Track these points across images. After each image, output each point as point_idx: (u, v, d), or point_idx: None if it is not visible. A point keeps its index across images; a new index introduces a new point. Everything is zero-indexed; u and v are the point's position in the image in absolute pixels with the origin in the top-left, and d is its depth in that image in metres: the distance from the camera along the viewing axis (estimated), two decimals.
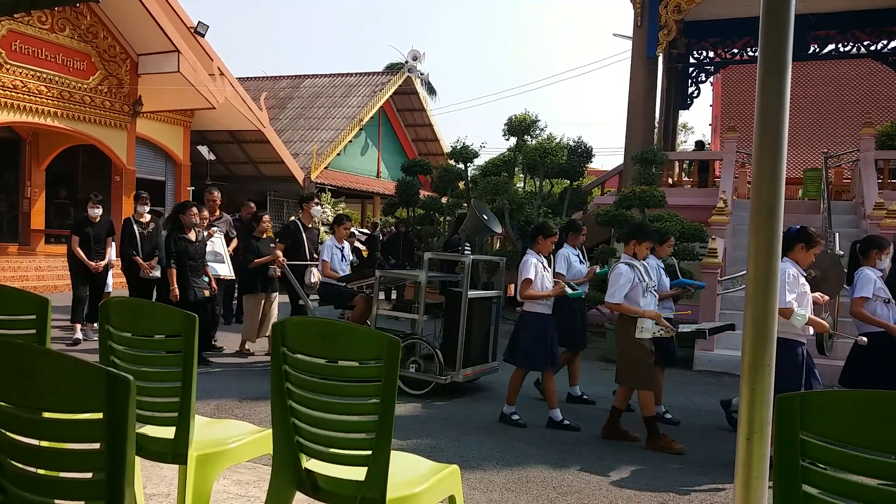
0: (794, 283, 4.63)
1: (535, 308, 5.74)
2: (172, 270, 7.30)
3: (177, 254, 7.31)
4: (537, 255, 5.81)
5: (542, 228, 5.95)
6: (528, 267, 5.70)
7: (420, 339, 6.69)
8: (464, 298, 6.46)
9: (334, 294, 7.72)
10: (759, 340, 1.78)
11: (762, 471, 1.74)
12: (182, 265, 7.32)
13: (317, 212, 8.44)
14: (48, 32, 15.11)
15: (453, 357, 6.48)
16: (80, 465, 1.58)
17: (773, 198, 1.77)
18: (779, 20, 1.75)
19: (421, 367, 6.58)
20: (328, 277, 7.64)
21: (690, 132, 39.08)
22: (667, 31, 13.32)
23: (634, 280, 5.28)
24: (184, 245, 7.37)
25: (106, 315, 2.68)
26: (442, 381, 6.46)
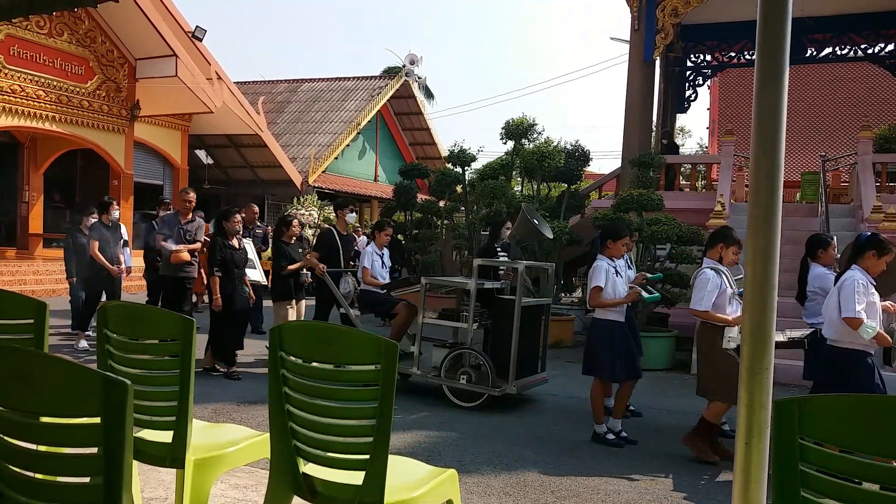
0: (863, 292, 4.41)
1: (607, 315, 5.47)
2: (216, 279, 7.07)
3: (221, 261, 7.08)
4: (608, 260, 5.53)
5: (613, 231, 5.69)
6: (598, 273, 5.44)
7: (470, 348, 6.43)
8: (517, 306, 6.18)
9: (375, 302, 7.48)
10: (757, 344, 1.78)
11: (761, 475, 1.74)
12: (228, 273, 7.12)
13: (351, 218, 8.23)
14: (46, 37, 15.11)
15: (504, 367, 6.21)
16: (77, 470, 1.58)
17: (771, 201, 1.77)
18: (776, 24, 1.76)
19: (472, 378, 6.31)
20: (369, 285, 7.40)
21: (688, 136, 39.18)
22: (664, 34, 13.35)
23: (722, 286, 5.01)
24: (229, 252, 7.17)
25: (104, 319, 2.68)
26: (495, 394, 6.20)
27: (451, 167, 14.52)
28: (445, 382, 6.47)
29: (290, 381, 2.31)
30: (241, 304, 7.23)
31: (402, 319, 7.18)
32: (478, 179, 14.01)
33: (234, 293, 7.15)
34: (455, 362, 6.46)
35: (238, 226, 7.28)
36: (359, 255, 8.31)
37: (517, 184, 18.07)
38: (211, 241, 7.33)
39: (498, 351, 6.39)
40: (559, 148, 13.18)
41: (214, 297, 7.04)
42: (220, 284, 7.05)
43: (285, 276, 7.64)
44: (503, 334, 6.35)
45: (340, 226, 8.27)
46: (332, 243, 7.98)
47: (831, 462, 1.52)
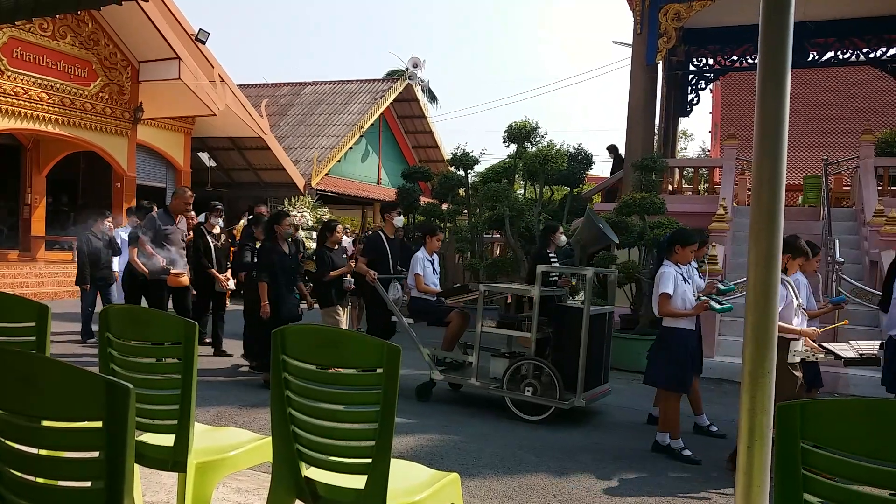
0: None
1: (678, 324, 5.23)
2: (264, 285, 6.84)
3: (270, 267, 6.88)
4: (676, 267, 5.27)
5: (682, 236, 5.38)
6: (666, 280, 5.17)
7: (536, 359, 6.15)
8: (585, 315, 5.94)
9: (427, 310, 7.21)
10: (759, 348, 1.78)
11: (763, 479, 1.74)
12: (276, 279, 6.87)
13: (399, 221, 7.89)
14: (49, 39, 15.16)
15: (571, 379, 5.96)
16: (79, 474, 1.58)
17: (774, 205, 1.77)
18: (778, 28, 1.76)
19: (538, 391, 6.04)
20: (423, 292, 7.16)
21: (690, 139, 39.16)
22: (666, 38, 13.35)
23: (788, 297, 4.77)
24: (278, 258, 6.94)
25: (105, 323, 2.68)
26: (564, 407, 5.93)
27: (454, 170, 14.53)
28: (508, 395, 6.20)
29: (292, 384, 2.31)
30: (287, 312, 6.95)
31: (455, 328, 6.95)
32: (480, 182, 14.02)
33: (281, 299, 6.91)
34: (516, 373, 6.22)
35: (290, 229, 7.09)
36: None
37: (520, 187, 18.09)
38: (261, 246, 7.12)
39: (563, 361, 6.11)
40: (562, 151, 13.20)
41: (263, 303, 6.81)
42: (267, 290, 6.83)
43: (328, 283, 7.38)
44: (569, 344, 6.10)
45: (388, 229, 7.84)
46: (380, 248, 7.60)
47: (834, 466, 1.52)
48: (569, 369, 5.99)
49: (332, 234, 7.58)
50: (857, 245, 10.82)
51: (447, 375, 6.70)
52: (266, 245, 7.06)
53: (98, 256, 8.50)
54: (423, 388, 6.81)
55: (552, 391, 6.00)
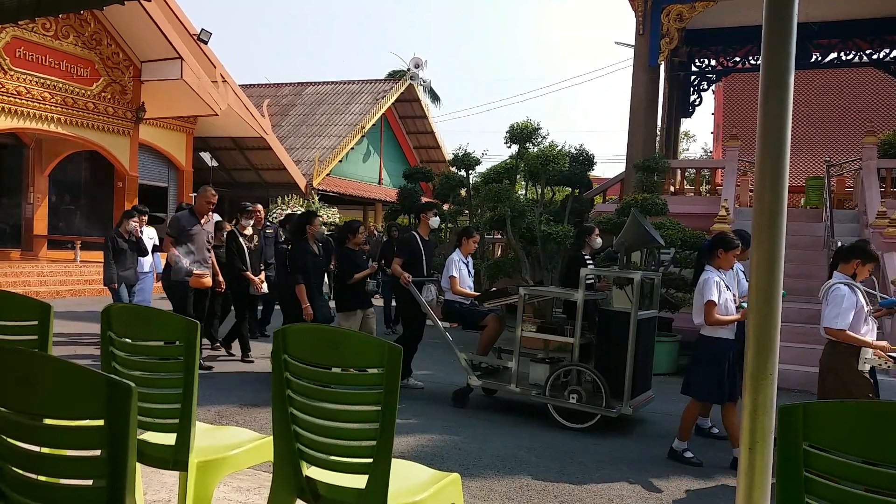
0: None
1: (717, 333, 5.04)
2: (302, 287, 6.70)
3: (303, 268, 6.72)
4: (718, 272, 5.10)
5: (724, 240, 5.15)
6: (710, 287, 4.98)
7: (582, 365, 5.94)
8: (633, 319, 5.77)
9: (462, 313, 7.02)
10: (761, 350, 1.78)
11: (764, 481, 1.74)
12: (309, 280, 6.75)
13: (435, 222, 7.61)
14: (52, 39, 15.19)
15: (616, 386, 5.79)
16: (80, 472, 1.58)
17: (776, 207, 1.77)
18: (781, 29, 1.76)
19: (583, 398, 5.82)
20: (458, 295, 6.96)
21: (692, 140, 39.16)
22: (668, 39, 13.34)
23: (858, 304, 4.62)
24: (312, 259, 6.82)
25: (108, 321, 2.68)
26: (612, 415, 5.73)
27: (456, 171, 14.53)
28: (552, 402, 6.01)
29: (293, 384, 2.31)
30: (321, 314, 6.83)
31: (491, 332, 6.75)
32: (482, 183, 14.01)
33: (315, 302, 6.77)
34: (558, 379, 6.03)
35: (322, 229, 6.94)
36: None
37: (521, 187, 18.08)
38: (293, 247, 6.92)
39: (609, 367, 5.89)
40: (564, 152, 13.19)
41: (304, 305, 6.70)
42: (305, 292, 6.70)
43: (351, 286, 7.14)
44: (615, 349, 5.89)
45: (423, 230, 7.54)
46: (414, 249, 7.34)
47: (836, 468, 1.52)
48: (614, 375, 5.78)
49: (355, 236, 7.37)
50: None
51: (484, 381, 6.50)
52: (299, 245, 6.86)
53: (123, 257, 8.33)
54: (459, 395, 6.63)
55: (598, 398, 5.80)
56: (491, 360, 6.68)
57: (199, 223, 7.25)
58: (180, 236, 7.11)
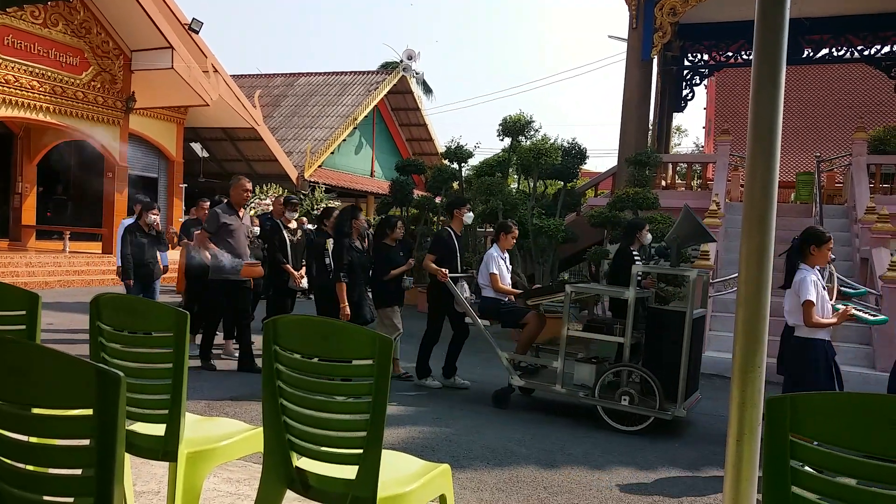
0: None
1: (816, 334, 4.75)
2: (343, 285, 6.43)
3: (349, 265, 6.48)
4: (812, 270, 4.80)
5: (815, 236, 4.87)
6: (807, 286, 4.68)
7: (634, 366, 5.79)
8: (688, 318, 5.59)
9: (501, 311, 6.78)
10: (750, 343, 1.79)
11: (751, 472, 1.75)
12: (355, 278, 6.51)
13: (469, 218, 7.35)
14: (41, 27, 15.05)
15: (669, 387, 5.63)
16: (69, 462, 1.58)
17: (766, 201, 1.78)
18: (773, 24, 1.76)
19: (635, 400, 5.66)
20: (500, 292, 6.76)
21: (684, 135, 39.24)
22: (662, 33, 13.36)
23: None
24: (356, 255, 6.57)
25: (97, 311, 2.67)
26: (667, 417, 5.58)
27: (448, 163, 14.53)
28: (602, 403, 5.83)
29: (283, 375, 2.31)
30: (369, 313, 6.67)
31: (532, 330, 6.54)
32: (474, 176, 14.02)
33: (362, 300, 6.56)
34: (607, 380, 5.86)
35: (366, 225, 6.75)
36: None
37: (514, 181, 18.09)
38: (337, 242, 6.65)
39: (659, 368, 5.73)
40: (556, 145, 13.21)
41: (342, 304, 6.41)
42: (346, 291, 6.43)
43: (387, 282, 7.03)
44: (666, 349, 5.72)
45: (456, 225, 7.31)
46: (448, 245, 7.11)
47: (822, 459, 1.53)
48: (666, 376, 5.61)
49: (393, 231, 7.21)
50: (849, 242, 10.88)
51: (527, 381, 6.36)
52: (342, 242, 6.56)
53: (142, 251, 8.01)
54: (500, 395, 6.43)
55: (651, 400, 5.64)
56: (530, 359, 6.56)
57: (239, 216, 7.01)
58: (219, 231, 6.83)
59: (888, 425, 1.43)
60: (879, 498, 1.45)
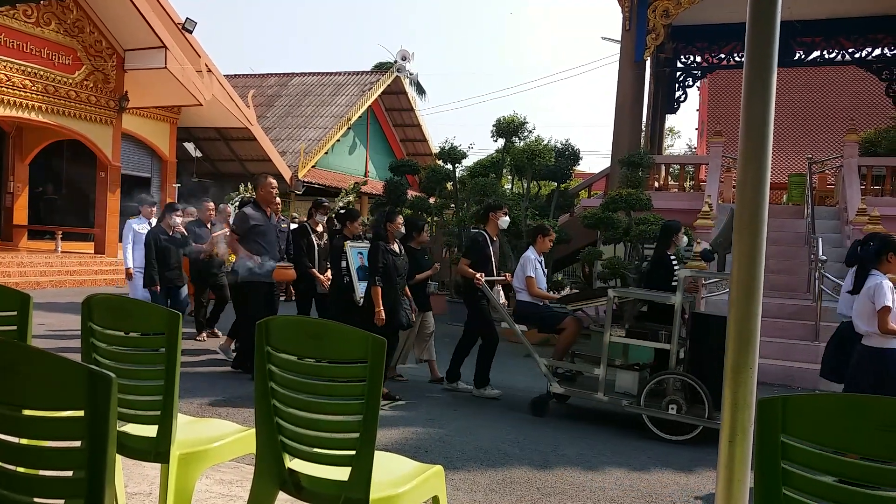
0: None
1: (889, 343, 4.61)
2: (378, 289, 6.17)
3: (384, 269, 6.25)
4: (884, 276, 4.69)
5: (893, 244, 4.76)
6: (883, 290, 4.55)
7: (684, 375, 5.57)
8: None
9: (537, 316, 6.59)
10: (741, 343, 1.80)
11: (744, 473, 1.76)
12: (390, 282, 6.26)
13: (504, 222, 7.16)
14: (33, 26, 14.98)
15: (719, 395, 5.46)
16: (60, 463, 1.57)
17: (758, 203, 1.78)
18: (764, 26, 1.77)
19: (682, 408, 5.50)
20: (536, 297, 6.56)
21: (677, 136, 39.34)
22: (655, 35, 13.39)
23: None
24: (391, 259, 6.32)
25: (89, 312, 2.66)
26: (715, 426, 5.20)
27: (442, 164, 14.52)
28: (648, 412, 5.67)
29: (276, 376, 2.31)
30: (405, 318, 6.45)
31: (570, 336, 6.38)
32: (468, 177, 14.02)
33: (397, 305, 6.32)
34: (653, 388, 5.67)
35: (402, 228, 6.49)
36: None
37: (507, 181, 18.11)
38: (372, 247, 6.42)
39: (706, 376, 5.51)
40: (549, 146, 13.22)
41: (376, 309, 6.16)
42: (381, 295, 6.21)
43: (412, 286, 6.89)
44: (713, 356, 5.43)
45: (491, 229, 7.05)
46: (483, 249, 6.87)
47: (813, 460, 1.54)
48: (713, 384, 5.30)
49: (420, 234, 7.05)
50: (840, 243, 10.93)
51: (567, 388, 6.18)
52: (378, 245, 6.32)
53: (167, 255, 7.70)
54: (539, 403, 6.25)
55: (700, 409, 5.49)
56: (567, 365, 6.40)
57: (268, 217, 6.76)
58: (249, 233, 6.58)
59: (878, 427, 1.44)
60: (869, 499, 1.46)
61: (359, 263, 6.78)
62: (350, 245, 6.85)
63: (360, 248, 6.95)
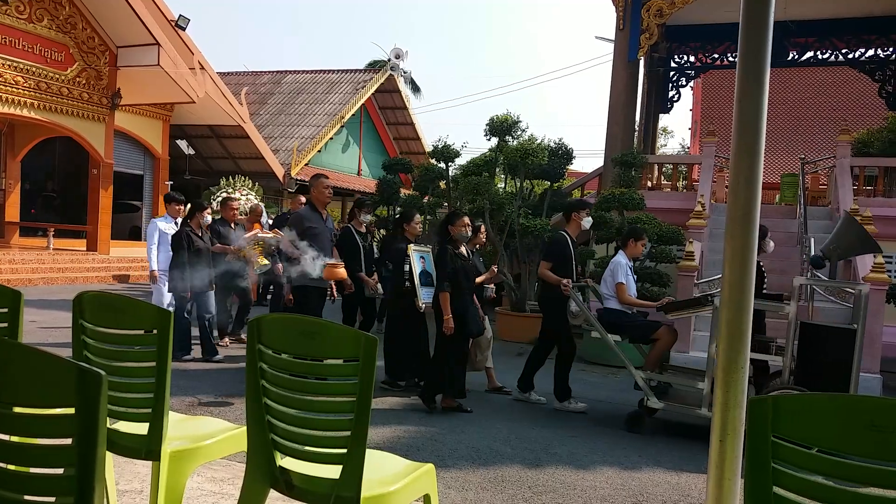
0: None
1: None
2: (447, 295, 5.88)
3: (452, 273, 5.94)
4: None
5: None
6: None
7: (795, 388, 5.23)
8: (859, 337, 5.15)
9: (625, 324, 6.27)
10: (733, 343, 1.80)
11: (734, 472, 1.76)
12: (458, 287, 5.96)
13: (587, 223, 6.82)
14: (26, 22, 14.90)
15: None
16: (50, 461, 1.56)
17: (749, 203, 1.79)
18: (758, 26, 1.77)
19: None
20: (627, 304, 6.27)
21: (671, 136, 39.44)
22: (648, 34, 13.41)
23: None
24: (459, 263, 6.02)
25: (80, 309, 2.65)
26: None
27: (435, 163, 14.51)
28: None
29: (267, 374, 2.30)
30: (475, 326, 6.11)
31: (664, 346, 6.11)
32: (461, 175, 14.00)
33: (467, 312, 5.99)
34: None
35: (466, 230, 6.14)
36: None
37: (500, 181, 18.10)
38: (439, 250, 6.15)
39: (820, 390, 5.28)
40: (543, 145, 13.23)
41: (445, 316, 5.86)
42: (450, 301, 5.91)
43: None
44: (828, 370, 5.23)
45: (572, 230, 6.70)
46: (565, 252, 6.51)
47: (803, 460, 1.54)
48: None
49: (476, 236, 6.76)
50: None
51: (668, 404, 5.82)
52: (446, 248, 6.06)
53: (199, 257, 7.31)
54: (635, 418, 5.96)
55: None
56: (658, 377, 6.10)
57: (323, 219, 6.45)
58: (304, 235, 6.24)
59: (867, 427, 1.45)
60: (859, 498, 1.46)
61: (420, 268, 6.54)
62: (413, 248, 6.60)
63: (423, 252, 6.72)
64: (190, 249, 7.26)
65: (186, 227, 7.45)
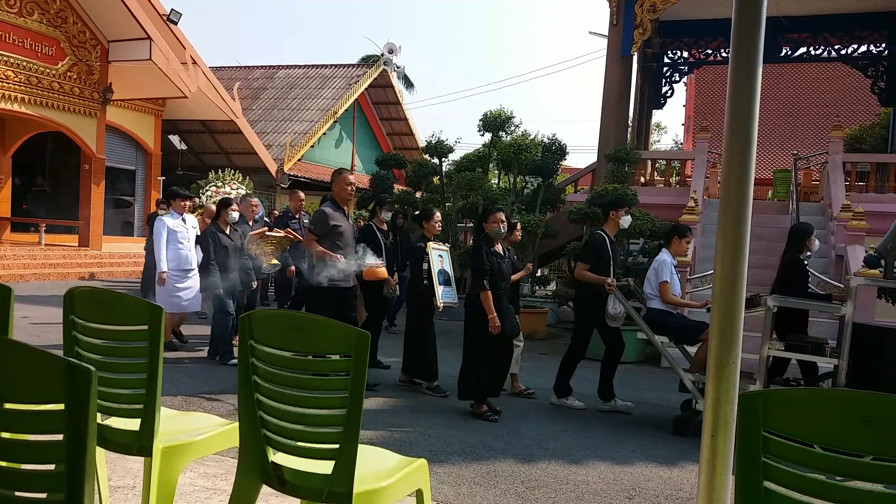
0: None
1: None
2: (488, 294, 5.67)
3: (490, 272, 5.75)
4: None
5: None
6: None
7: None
8: None
9: (670, 325, 6.07)
10: (724, 339, 1.81)
11: (726, 467, 1.77)
12: (495, 288, 5.74)
13: (626, 221, 6.57)
14: (16, 16, 14.80)
15: None
16: (41, 457, 1.56)
17: (741, 199, 1.79)
18: (750, 22, 1.77)
19: None
20: (671, 304, 6.10)
21: (664, 131, 39.49)
22: (642, 30, 13.42)
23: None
24: (496, 262, 5.82)
25: (71, 305, 2.64)
26: None
27: (429, 158, 14.50)
28: None
29: (259, 369, 2.30)
30: (510, 327, 5.86)
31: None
32: (455, 171, 14.01)
33: (503, 313, 5.77)
34: None
35: (501, 227, 5.89)
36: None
37: (494, 176, 18.12)
38: (475, 248, 5.98)
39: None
40: (536, 141, 13.24)
41: (490, 316, 5.66)
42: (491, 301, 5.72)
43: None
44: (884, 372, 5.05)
45: (610, 229, 6.46)
46: (603, 252, 6.28)
47: (794, 455, 1.55)
48: None
49: (511, 234, 6.58)
50: (825, 239, 11.02)
51: None
52: (481, 246, 5.86)
53: (227, 257, 7.11)
54: (681, 422, 5.80)
55: None
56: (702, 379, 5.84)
57: (346, 216, 6.22)
58: (328, 234, 6.01)
59: (858, 421, 1.45)
60: (850, 493, 1.47)
61: (439, 267, 6.41)
62: (432, 246, 6.48)
63: (441, 250, 6.61)
64: (219, 248, 7.13)
65: (213, 225, 7.31)
